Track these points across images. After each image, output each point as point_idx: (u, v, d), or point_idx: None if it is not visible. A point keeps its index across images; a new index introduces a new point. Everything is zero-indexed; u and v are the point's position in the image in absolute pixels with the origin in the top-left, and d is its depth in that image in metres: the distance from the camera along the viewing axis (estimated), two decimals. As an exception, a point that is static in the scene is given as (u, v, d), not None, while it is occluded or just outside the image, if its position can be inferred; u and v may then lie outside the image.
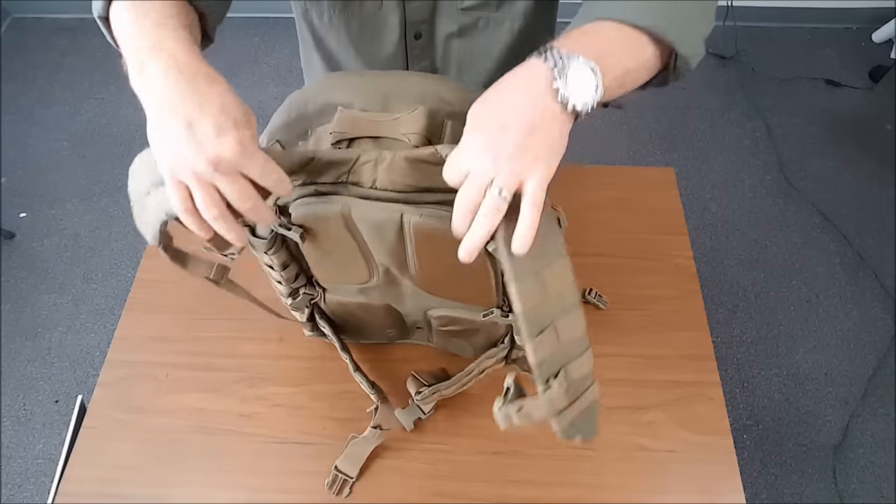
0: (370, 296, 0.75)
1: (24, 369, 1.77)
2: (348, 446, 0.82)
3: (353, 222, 0.57)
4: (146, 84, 0.47)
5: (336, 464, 0.81)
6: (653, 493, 0.82)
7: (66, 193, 2.14)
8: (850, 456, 1.64)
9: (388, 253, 0.61)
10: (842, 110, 2.40)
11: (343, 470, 0.81)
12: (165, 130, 0.46)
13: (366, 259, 0.65)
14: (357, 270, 0.67)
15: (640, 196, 1.12)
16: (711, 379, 0.91)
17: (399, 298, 0.74)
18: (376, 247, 0.61)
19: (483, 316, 0.71)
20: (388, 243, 0.59)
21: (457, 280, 0.65)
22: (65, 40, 2.62)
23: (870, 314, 1.88)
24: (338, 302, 0.79)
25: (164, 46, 0.47)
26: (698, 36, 0.55)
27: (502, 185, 0.45)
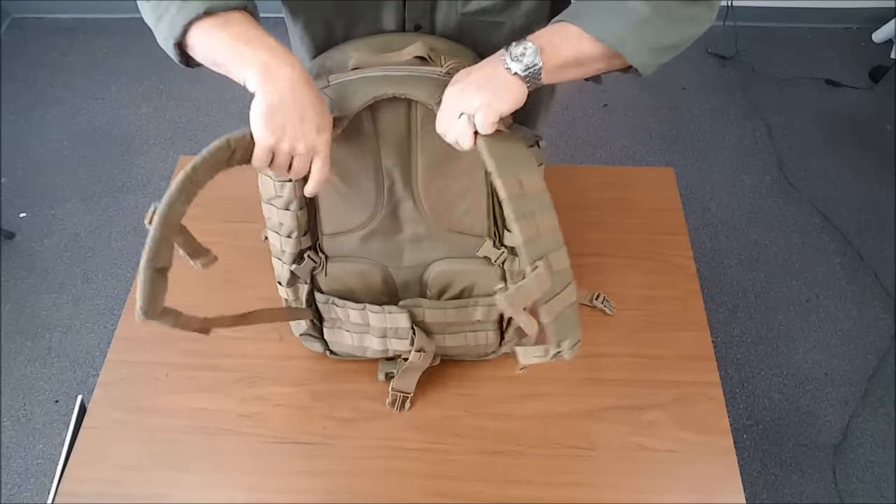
0: (371, 249, 0.81)
1: (24, 369, 1.77)
2: (400, 370, 0.88)
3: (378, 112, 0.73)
4: (273, 81, 0.64)
5: (392, 385, 0.89)
6: (653, 493, 0.82)
7: (66, 193, 2.14)
8: (850, 456, 1.64)
9: (397, 145, 0.75)
10: (842, 110, 2.40)
11: (401, 389, 0.89)
12: (282, 116, 0.64)
13: (376, 173, 0.76)
14: (366, 197, 0.78)
15: (640, 196, 1.12)
16: (711, 379, 0.91)
17: (398, 251, 0.82)
18: (388, 136, 0.74)
19: (476, 253, 0.80)
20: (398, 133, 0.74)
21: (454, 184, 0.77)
22: (65, 40, 2.62)
23: (870, 314, 1.88)
24: (336, 276, 0.82)
25: (280, 63, 0.64)
26: (651, 54, 0.66)
27: (468, 109, 0.64)
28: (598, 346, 0.94)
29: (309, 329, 0.89)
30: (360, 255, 0.82)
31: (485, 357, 0.94)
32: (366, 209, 0.79)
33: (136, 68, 2.52)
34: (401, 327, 0.83)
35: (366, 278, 0.83)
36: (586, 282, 1.01)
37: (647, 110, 2.39)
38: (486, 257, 0.80)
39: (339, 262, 0.82)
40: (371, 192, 0.78)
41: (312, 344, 0.92)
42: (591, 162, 2.23)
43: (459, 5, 0.75)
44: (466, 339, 0.88)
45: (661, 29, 0.65)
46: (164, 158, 2.23)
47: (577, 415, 0.88)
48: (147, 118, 2.36)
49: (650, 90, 2.46)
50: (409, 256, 0.82)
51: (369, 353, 0.89)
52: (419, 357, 0.85)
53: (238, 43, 0.65)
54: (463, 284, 0.82)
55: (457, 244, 0.81)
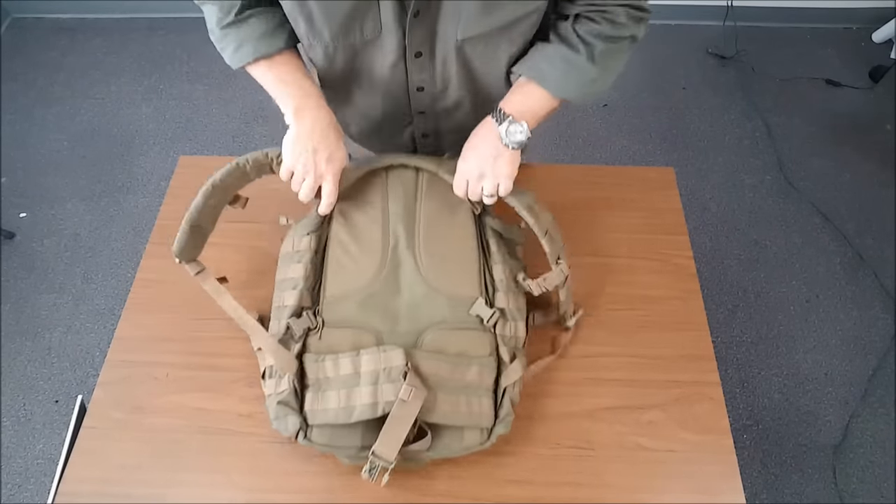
0: (368, 315, 0.83)
1: (24, 369, 1.77)
2: (387, 421, 0.76)
3: (391, 172, 0.95)
4: (300, 120, 0.85)
5: (374, 448, 0.75)
6: (653, 493, 0.82)
7: (66, 193, 2.14)
8: (850, 456, 1.64)
9: (404, 207, 0.91)
10: (842, 110, 2.40)
11: (382, 454, 0.75)
12: (301, 147, 0.85)
13: (383, 231, 0.89)
14: (373, 256, 0.88)
15: (640, 196, 1.12)
16: (711, 379, 0.91)
17: (394, 317, 0.84)
18: (396, 198, 0.92)
19: (469, 312, 0.85)
20: (406, 192, 0.93)
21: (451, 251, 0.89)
22: (65, 40, 2.62)
23: (870, 314, 1.88)
24: (328, 342, 0.82)
25: (307, 105, 0.85)
26: (593, 97, 0.87)
27: (489, 191, 0.88)
28: (598, 346, 0.94)
29: (288, 397, 0.79)
30: (356, 323, 0.83)
31: (476, 447, 0.81)
32: (371, 268, 0.87)
33: (136, 68, 2.52)
34: (395, 366, 0.78)
35: (359, 345, 0.82)
36: (586, 281, 1.01)
37: (647, 110, 2.39)
38: (478, 317, 0.84)
39: (336, 328, 0.83)
40: (377, 251, 0.88)
41: (285, 421, 0.79)
42: (591, 162, 2.23)
43: (458, 32, 0.78)
44: (459, 402, 0.79)
45: (604, 80, 0.85)
46: (164, 158, 2.23)
47: (577, 415, 0.88)
48: (147, 118, 2.36)
49: (650, 90, 2.46)
50: (404, 324, 0.84)
51: (356, 414, 0.77)
52: (409, 393, 0.75)
53: (280, 85, 0.85)
54: (456, 349, 0.82)
55: (451, 309, 0.85)
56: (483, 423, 0.80)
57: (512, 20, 0.79)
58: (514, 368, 0.83)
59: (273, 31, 0.83)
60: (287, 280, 0.87)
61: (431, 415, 0.77)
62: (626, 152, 2.27)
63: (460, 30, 0.77)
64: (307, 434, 0.79)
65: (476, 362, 0.81)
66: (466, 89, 0.90)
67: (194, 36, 2.61)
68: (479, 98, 0.93)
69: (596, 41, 0.81)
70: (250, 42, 0.83)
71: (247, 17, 0.83)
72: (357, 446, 0.78)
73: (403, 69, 0.85)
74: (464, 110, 0.95)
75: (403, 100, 0.91)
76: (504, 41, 0.82)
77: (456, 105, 0.93)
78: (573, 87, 0.84)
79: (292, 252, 0.89)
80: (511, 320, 0.86)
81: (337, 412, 0.78)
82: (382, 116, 0.97)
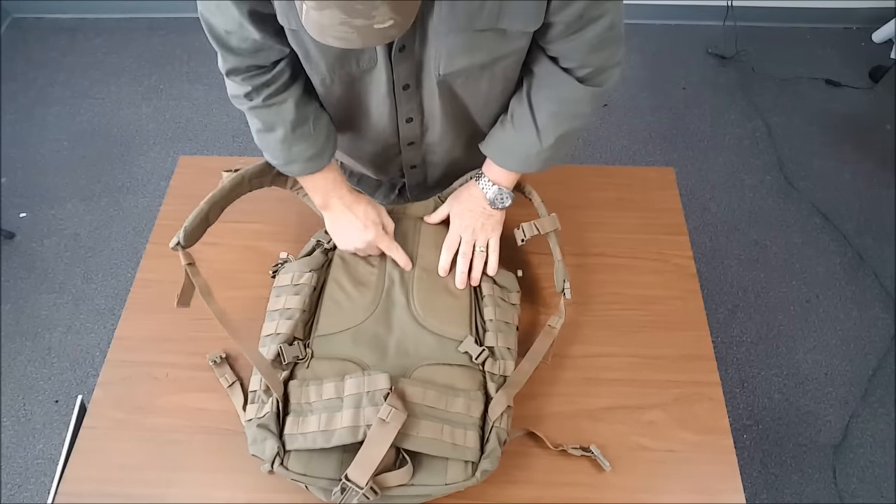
0: (358, 350, 0.84)
1: (24, 369, 1.77)
2: (365, 441, 0.74)
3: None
4: (329, 208, 0.95)
5: (347, 472, 0.73)
6: (653, 493, 0.82)
7: (66, 193, 2.14)
8: (850, 456, 1.64)
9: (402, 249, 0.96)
10: (842, 110, 2.40)
11: (354, 479, 0.72)
12: (342, 228, 0.94)
13: (379, 273, 0.94)
14: (367, 293, 0.91)
15: (640, 196, 1.12)
16: (711, 379, 0.91)
17: (383, 354, 0.85)
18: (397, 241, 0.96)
19: (458, 349, 0.86)
20: (404, 237, 0.98)
21: (443, 293, 0.92)
22: (65, 40, 2.62)
23: (870, 314, 1.88)
24: (316, 371, 0.82)
25: (333, 194, 0.94)
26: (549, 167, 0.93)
27: (481, 245, 0.94)
28: (598, 345, 0.94)
29: (268, 420, 0.78)
30: (345, 355, 0.85)
31: (460, 483, 0.77)
32: (364, 308, 0.90)
33: (136, 68, 2.52)
34: (378, 389, 0.76)
35: (346, 374, 0.81)
36: (586, 281, 1.01)
37: (647, 110, 2.39)
38: (467, 354, 0.85)
39: (324, 359, 0.84)
40: (372, 293, 0.92)
41: (263, 445, 0.78)
42: (591, 162, 2.23)
43: (440, 67, 0.79)
44: (443, 431, 0.76)
45: (561, 153, 0.90)
46: (164, 158, 2.23)
47: (577, 415, 0.88)
48: (147, 118, 2.36)
49: (650, 90, 2.46)
50: (392, 359, 0.85)
51: (335, 438, 0.75)
52: (388, 413, 0.73)
53: (316, 194, 0.94)
54: (443, 382, 0.82)
55: (440, 347, 0.86)
56: (467, 456, 0.76)
57: (490, 60, 0.79)
58: (500, 399, 0.81)
59: (322, 151, 0.90)
60: (284, 310, 0.88)
61: (412, 441, 0.74)
62: (626, 152, 2.27)
63: (441, 65, 0.78)
64: (283, 461, 0.76)
65: (463, 395, 0.80)
66: (452, 122, 0.91)
67: (194, 36, 2.61)
68: (464, 131, 0.94)
69: (549, 124, 0.86)
70: (298, 162, 0.89)
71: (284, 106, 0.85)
72: (333, 478, 0.76)
73: (393, 100, 0.86)
74: (450, 142, 0.96)
75: (393, 129, 0.92)
76: (485, 77, 0.83)
77: (442, 137, 0.94)
78: (533, 167, 0.91)
79: (291, 285, 0.91)
80: (500, 359, 0.86)
81: (315, 436, 0.75)
82: (373, 146, 0.99)
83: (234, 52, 0.78)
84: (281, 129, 0.85)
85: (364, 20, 0.55)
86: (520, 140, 0.88)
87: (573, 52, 0.79)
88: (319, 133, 0.88)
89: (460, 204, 0.96)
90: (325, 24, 0.56)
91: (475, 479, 0.76)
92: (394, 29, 0.57)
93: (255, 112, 0.85)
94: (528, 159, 0.89)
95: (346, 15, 0.54)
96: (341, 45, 0.59)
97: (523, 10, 0.71)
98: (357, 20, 0.55)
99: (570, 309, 0.98)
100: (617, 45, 0.80)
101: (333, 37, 0.58)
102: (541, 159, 0.89)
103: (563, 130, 0.86)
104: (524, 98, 0.86)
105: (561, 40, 0.77)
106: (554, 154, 0.89)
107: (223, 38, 0.76)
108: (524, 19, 0.73)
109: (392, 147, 0.97)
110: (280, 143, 0.87)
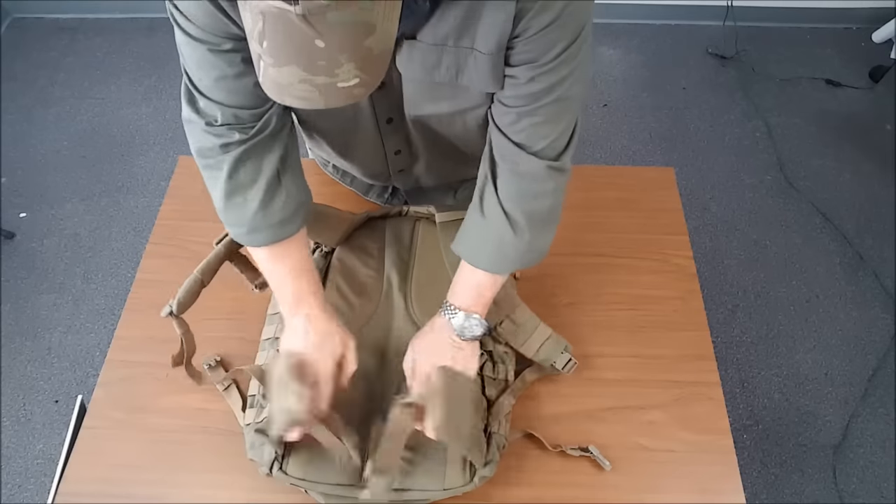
0: (358, 351, 0.82)
1: (24, 369, 1.77)
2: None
3: (389, 220, 1.01)
4: (294, 319, 0.79)
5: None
6: (653, 493, 0.82)
7: (66, 193, 2.14)
8: (850, 456, 1.64)
9: (398, 255, 0.96)
10: (842, 110, 2.40)
11: None
12: (303, 343, 0.77)
13: (378, 277, 0.94)
14: (366, 297, 0.91)
15: (640, 196, 1.12)
16: (711, 379, 0.91)
17: (384, 352, 0.87)
18: (392, 245, 0.97)
19: None
20: (403, 239, 0.98)
21: (441, 296, 0.85)
22: (65, 40, 2.62)
23: (870, 314, 1.88)
24: None
25: (302, 301, 0.79)
26: (537, 260, 0.82)
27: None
28: (598, 346, 0.94)
29: (267, 425, 0.77)
30: None
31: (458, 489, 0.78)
32: (364, 312, 0.90)
33: (136, 68, 2.52)
34: None
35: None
36: (586, 281, 1.01)
37: (647, 110, 2.39)
38: None
39: None
40: (371, 297, 0.92)
41: (261, 450, 0.78)
42: (591, 162, 2.23)
43: (410, 109, 0.78)
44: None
45: (540, 243, 0.81)
46: (164, 158, 2.23)
47: (577, 415, 0.88)
48: (147, 118, 2.36)
49: (650, 90, 2.46)
50: (391, 365, 0.86)
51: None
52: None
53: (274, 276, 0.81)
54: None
55: None
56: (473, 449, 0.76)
57: (458, 110, 0.77)
58: (501, 405, 0.83)
59: (293, 215, 0.78)
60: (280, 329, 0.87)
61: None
62: (626, 152, 2.27)
63: (410, 108, 0.78)
64: (282, 465, 0.76)
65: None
66: (439, 154, 0.91)
67: (194, 36, 2.61)
68: (453, 158, 0.92)
69: (518, 214, 0.76)
70: (264, 229, 0.76)
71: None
72: (333, 482, 0.76)
73: (378, 133, 0.86)
74: (438, 169, 0.97)
75: (382, 159, 0.93)
76: (458, 122, 0.80)
77: (430, 165, 0.94)
78: (510, 260, 0.79)
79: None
80: (500, 363, 0.87)
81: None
82: (365, 171, 1.01)
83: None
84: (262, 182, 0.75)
85: (327, 78, 0.49)
86: (489, 229, 0.78)
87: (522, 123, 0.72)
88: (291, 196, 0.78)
89: (422, 342, 0.82)
90: (284, 82, 0.50)
91: (473, 485, 0.78)
92: (359, 88, 0.51)
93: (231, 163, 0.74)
94: (502, 250, 0.78)
95: (307, 72, 0.48)
96: (302, 105, 0.53)
97: (479, 72, 0.68)
98: (319, 78, 0.49)
99: (570, 309, 0.98)
100: (568, 116, 0.73)
101: (293, 96, 0.52)
102: (517, 251, 0.78)
103: (531, 210, 0.76)
104: (489, 180, 0.77)
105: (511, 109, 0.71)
106: (532, 243, 0.78)
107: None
108: (483, 80, 0.69)
109: (382, 174, 0.98)
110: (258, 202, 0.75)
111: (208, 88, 0.70)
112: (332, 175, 1.12)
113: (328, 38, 0.45)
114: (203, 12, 0.63)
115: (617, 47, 2.61)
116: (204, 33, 0.65)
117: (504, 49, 0.65)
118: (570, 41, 0.64)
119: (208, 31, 0.64)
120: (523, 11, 0.61)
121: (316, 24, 0.44)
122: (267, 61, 0.49)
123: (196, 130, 0.73)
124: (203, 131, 0.72)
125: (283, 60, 0.48)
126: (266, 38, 0.47)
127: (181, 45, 0.68)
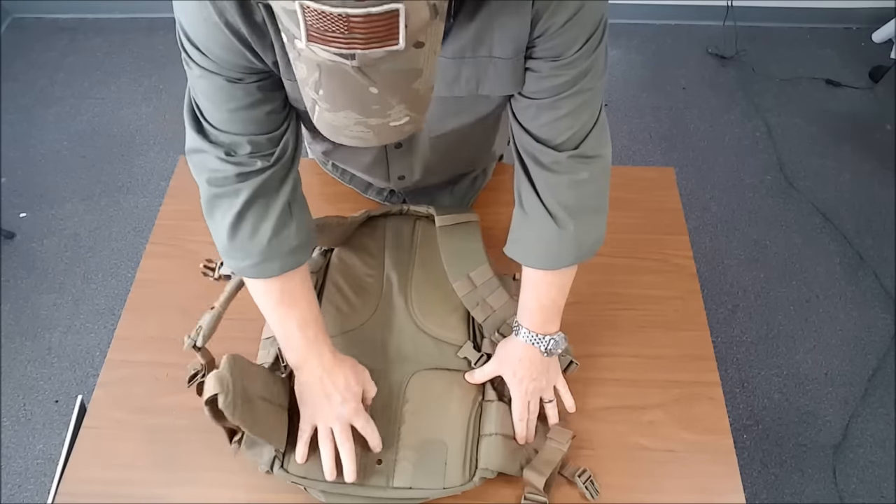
0: (359, 348, 0.84)
1: (24, 369, 1.77)
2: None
3: (389, 219, 1.02)
4: (304, 371, 0.79)
5: None
6: (653, 493, 0.82)
7: (66, 193, 2.14)
8: (850, 456, 1.64)
9: (398, 254, 0.96)
10: (842, 110, 2.40)
11: None
12: (314, 395, 0.78)
13: (378, 276, 0.94)
14: (366, 296, 0.92)
15: (640, 196, 1.12)
16: (711, 379, 0.91)
17: (384, 352, 0.87)
18: (392, 245, 0.98)
19: (458, 354, 0.88)
20: (403, 239, 0.99)
21: (441, 296, 0.92)
22: (65, 40, 2.62)
23: (870, 314, 1.88)
24: None
25: (311, 350, 0.79)
26: (595, 247, 0.82)
27: (550, 397, 0.86)
28: (598, 346, 0.94)
29: None
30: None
31: (457, 488, 0.79)
32: (364, 311, 0.91)
33: (136, 68, 2.52)
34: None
35: None
36: (586, 281, 1.01)
37: (647, 110, 2.39)
38: (466, 359, 0.87)
39: None
40: (371, 296, 0.92)
41: (261, 451, 0.79)
42: (591, 162, 2.22)
43: (431, 130, 0.79)
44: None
45: (592, 231, 0.80)
46: (164, 158, 2.23)
47: (577, 415, 0.88)
48: (147, 118, 2.36)
49: (650, 90, 2.46)
50: (393, 361, 0.87)
51: None
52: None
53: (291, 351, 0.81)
54: (442, 388, 0.85)
55: (439, 351, 0.88)
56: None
57: (481, 117, 0.78)
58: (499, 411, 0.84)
59: (305, 241, 0.78)
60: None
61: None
62: (626, 152, 2.27)
63: (431, 128, 0.78)
64: (283, 463, 0.78)
65: (458, 401, 0.84)
66: (444, 166, 0.93)
67: (194, 36, 2.61)
68: (453, 160, 0.94)
69: (556, 206, 0.76)
70: (278, 258, 0.76)
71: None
72: (331, 480, 0.77)
73: (384, 158, 0.87)
74: (439, 171, 0.97)
75: (384, 172, 0.94)
76: (478, 129, 0.81)
77: (430, 171, 0.95)
78: (562, 257, 0.79)
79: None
80: None
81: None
82: (368, 188, 1.05)
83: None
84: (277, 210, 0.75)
85: (380, 119, 0.52)
86: (533, 225, 0.79)
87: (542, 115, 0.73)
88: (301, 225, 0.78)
89: (513, 370, 0.83)
90: (340, 125, 0.53)
91: (472, 484, 0.78)
92: (409, 125, 0.54)
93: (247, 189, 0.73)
94: (549, 245, 0.78)
95: (362, 115, 0.51)
96: (356, 143, 0.56)
97: (499, 78, 0.69)
98: (372, 119, 0.52)
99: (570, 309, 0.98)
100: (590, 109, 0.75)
101: (348, 136, 0.55)
102: (565, 244, 0.78)
103: (567, 201, 0.76)
104: (522, 175, 0.78)
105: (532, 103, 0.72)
106: (579, 235, 0.77)
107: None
108: (503, 85, 0.70)
109: (381, 180, 0.99)
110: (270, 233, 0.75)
111: (224, 121, 0.69)
112: (332, 173, 1.12)
113: (381, 85, 0.48)
114: (223, 48, 0.63)
115: (617, 47, 2.61)
116: (221, 68, 0.65)
117: (522, 52, 0.66)
118: (590, 34, 0.65)
119: (226, 67, 0.65)
120: (540, 13, 0.62)
121: (370, 74, 0.47)
122: (323, 106, 0.52)
123: (209, 160, 0.72)
124: (219, 160, 0.71)
125: (338, 106, 0.51)
126: (322, 87, 0.49)
127: (194, 78, 0.67)
